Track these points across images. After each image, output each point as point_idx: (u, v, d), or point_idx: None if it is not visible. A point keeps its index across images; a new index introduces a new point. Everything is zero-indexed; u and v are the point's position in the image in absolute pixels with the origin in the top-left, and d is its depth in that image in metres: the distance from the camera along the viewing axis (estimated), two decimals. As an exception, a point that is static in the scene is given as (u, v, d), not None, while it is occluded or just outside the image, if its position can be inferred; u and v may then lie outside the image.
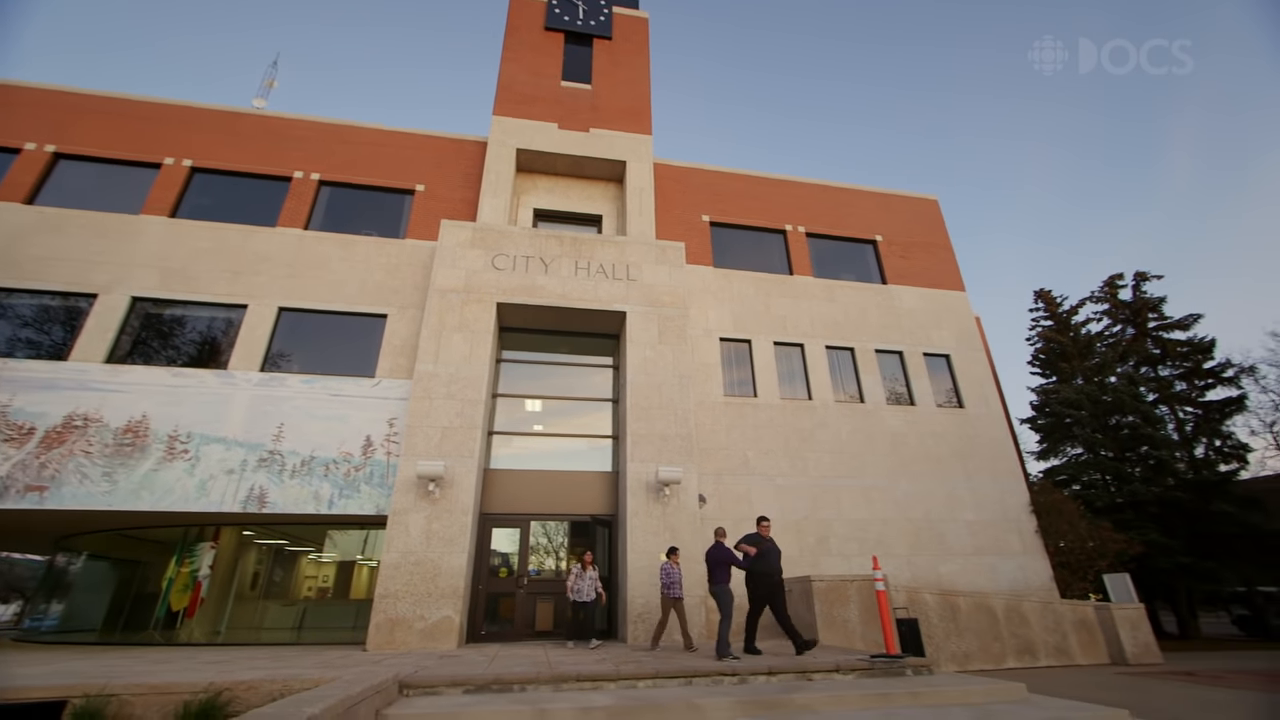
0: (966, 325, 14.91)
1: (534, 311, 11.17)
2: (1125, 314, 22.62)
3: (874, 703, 5.27)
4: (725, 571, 7.36)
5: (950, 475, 12.74)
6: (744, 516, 11.23)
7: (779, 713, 4.94)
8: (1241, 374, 19.79)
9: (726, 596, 7.19)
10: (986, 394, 14.08)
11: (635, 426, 10.34)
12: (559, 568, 10.31)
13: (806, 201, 15.71)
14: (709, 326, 13.09)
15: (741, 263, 14.32)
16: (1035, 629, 10.60)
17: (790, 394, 12.90)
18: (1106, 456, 19.02)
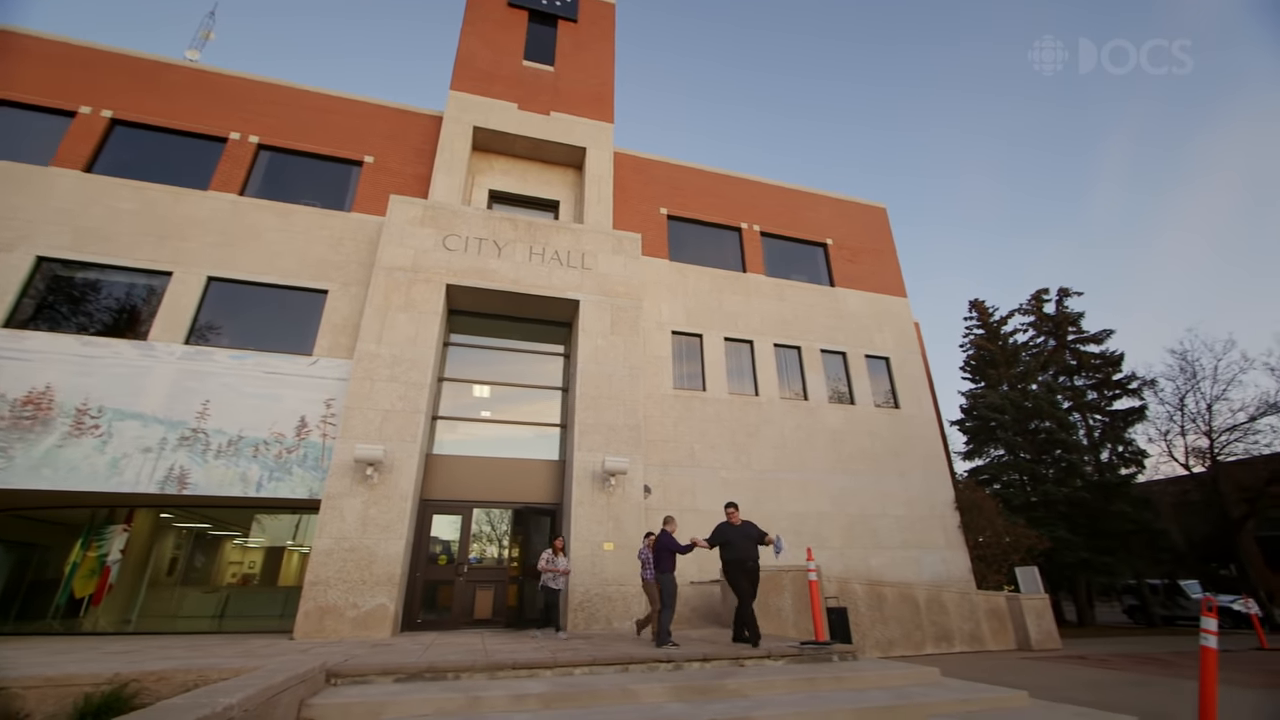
0: (906, 330, 15.62)
1: (485, 295, 10.93)
2: (1048, 326, 24.25)
3: (801, 687, 5.50)
4: (669, 560, 7.37)
5: (884, 472, 13.37)
6: (688, 508, 11.43)
7: (711, 697, 5.09)
8: (1144, 386, 21.62)
9: (669, 585, 7.21)
10: (921, 396, 14.81)
11: (584, 416, 10.32)
12: (501, 556, 10.21)
13: (763, 201, 16.00)
14: (662, 319, 13.18)
15: (697, 258, 14.46)
16: (953, 617, 11.31)
17: (738, 389, 13.18)
18: (1024, 458, 20.40)
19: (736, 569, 7.07)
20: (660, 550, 7.46)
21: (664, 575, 7.30)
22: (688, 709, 4.69)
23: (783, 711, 4.69)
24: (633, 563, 9.46)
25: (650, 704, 4.88)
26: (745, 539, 7.14)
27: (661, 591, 7.23)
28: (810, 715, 4.68)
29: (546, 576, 8.23)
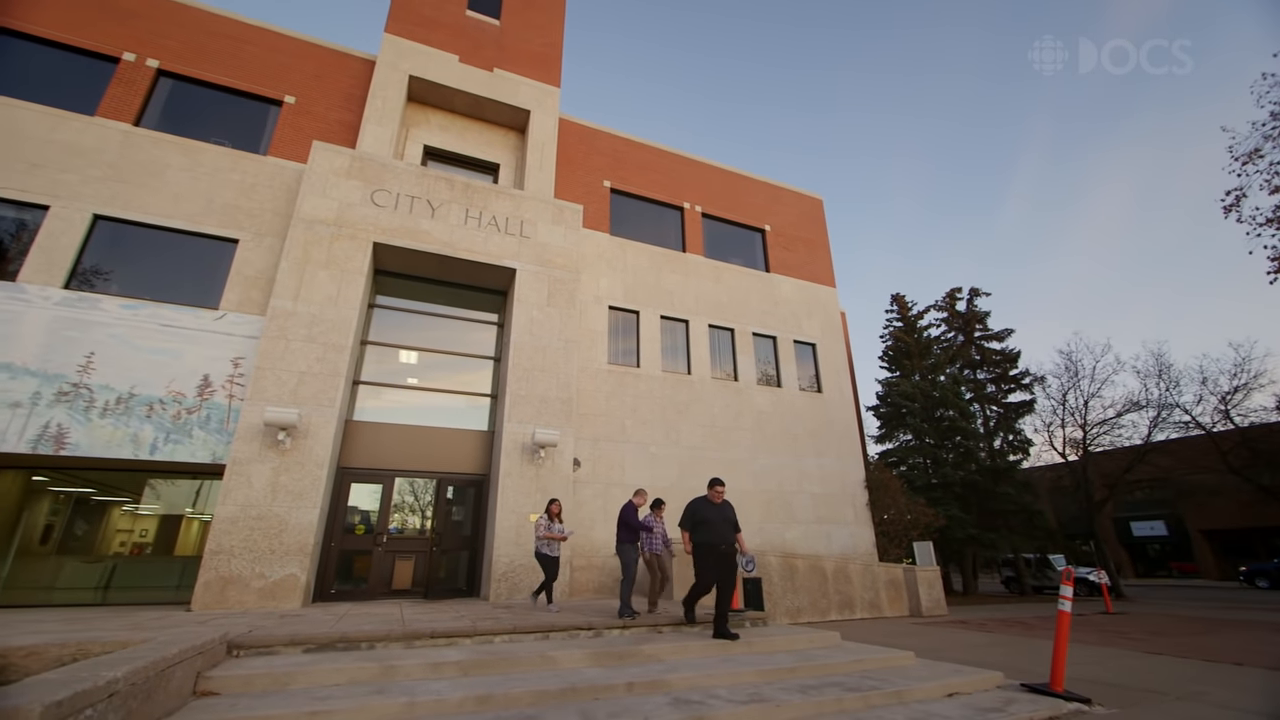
0: (833, 318, 16.36)
1: (416, 257, 10.45)
2: (959, 323, 26.13)
3: (714, 651, 5.80)
4: (628, 532, 7.17)
5: (804, 453, 14.09)
6: (617, 482, 11.60)
7: (628, 662, 5.27)
8: (1035, 382, 23.84)
9: (628, 556, 7.07)
10: (842, 382, 15.64)
11: (516, 387, 10.18)
12: (424, 526, 9.98)
13: (706, 182, 16.12)
14: (599, 294, 13.12)
15: (638, 234, 14.43)
16: (856, 587, 12.22)
17: (671, 368, 13.39)
18: (929, 444, 22.10)
19: (708, 553, 6.30)
20: (620, 523, 7.24)
21: (622, 547, 7.14)
22: (605, 673, 4.84)
23: (695, 674, 4.94)
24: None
25: (569, 669, 5.00)
26: (724, 521, 6.38)
27: (621, 562, 7.11)
28: (719, 676, 4.96)
29: (541, 543, 7.76)
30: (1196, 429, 19.12)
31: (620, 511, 7.29)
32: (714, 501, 6.51)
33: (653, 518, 7.64)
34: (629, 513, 7.22)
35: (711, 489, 6.59)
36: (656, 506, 7.81)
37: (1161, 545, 34.01)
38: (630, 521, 7.17)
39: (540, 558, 7.79)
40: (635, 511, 7.25)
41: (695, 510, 6.48)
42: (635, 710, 4.10)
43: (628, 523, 7.18)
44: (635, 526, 7.16)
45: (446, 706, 4.04)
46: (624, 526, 7.20)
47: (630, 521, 7.17)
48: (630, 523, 7.16)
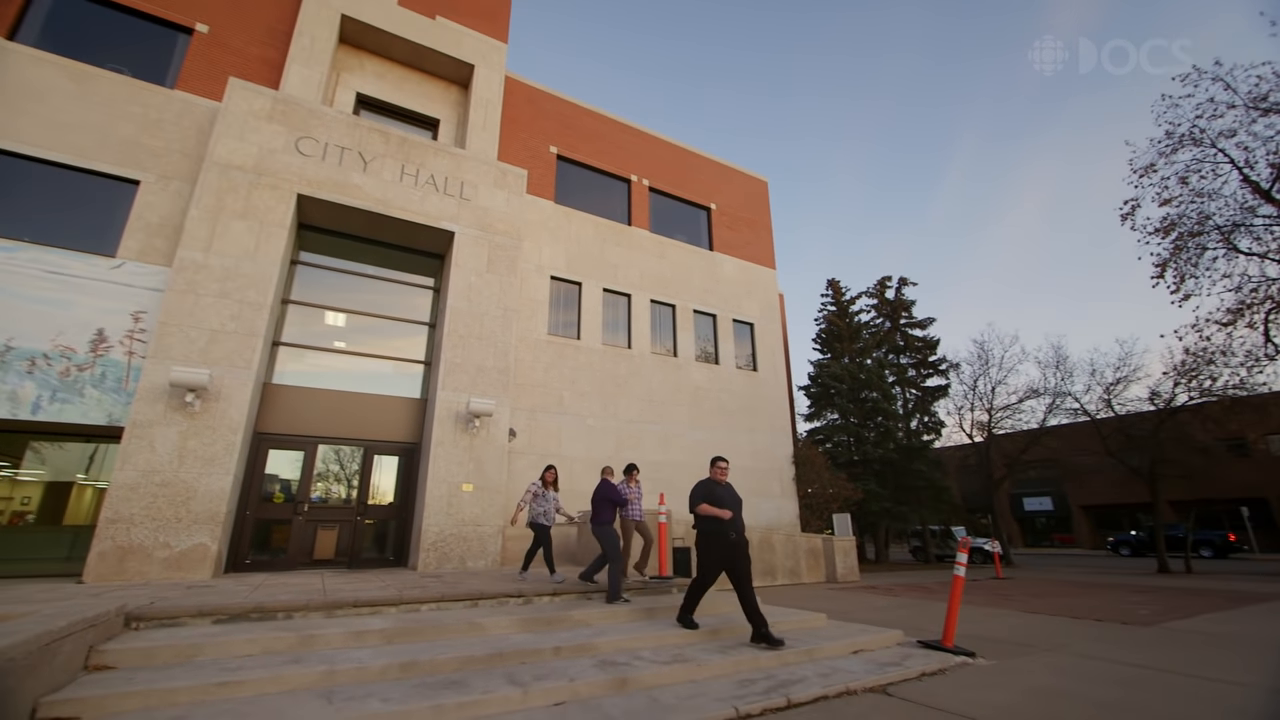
0: (771, 299, 16.82)
1: (345, 213, 9.84)
2: (887, 310, 27.51)
3: (641, 616, 6.00)
4: (608, 511, 6.71)
5: (737, 428, 14.56)
6: (553, 453, 11.60)
7: (556, 627, 5.37)
8: (950, 368, 25.56)
9: (609, 537, 6.49)
10: (776, 362, 16.19)
11: (451, 354, 9.90)
12: (349, 495, 9.64)
13: (655, 156, 15.99)
14: (542, 263, 12.87)
15: (583, 204, 14.18)
16: (778, 556, 12.89)
17: (612, 341, 13.40)
18: (853, 423, 23.37)
19: (718, 543, 5.45)
20: (597, 501, 6.75)
21: (601, 528, 6.58)
22: (533, 639, 4.91)
23: (621, 638, 5.10)
24: (492, 505, 9.48)
25: (497, 635, 5.04)
26: (736, 504, 5.68)
27: (602, 544, 6.52)
28: (645, 640, 5.15)
29: (538, 513, 7.42)
30: (1083, 415, 21.19)
31: (598, 489, 6.81)
32: (721, 481, 5.80)
33: (626, 484, 7.34)
34: (610, 490, 6.74)
35: (715, 466, 5.87)
36: (629, 473, 7.50)
37: (1047, 518, 37.85)
38: (613, 497, 6.72)
39: (536, 527, 7.42)
40: (611, 486, 6.82)
41: (710, 491, 5.63)
42: (561, 672, 4.20)
43: (610, 499, 6.69)
44: (618, 501, 6.76)
45: (368, 674, 3.99)
46: (605, 504, 6.68)
47: (613, 497, 6.72)
48: (613, 498, 6.72)
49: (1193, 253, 13.27)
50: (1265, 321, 12.68)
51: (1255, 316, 12.74)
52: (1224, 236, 12.99)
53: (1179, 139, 13.22)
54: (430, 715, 3.48)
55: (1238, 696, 4.28)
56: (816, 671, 4.71)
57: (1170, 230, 13.42)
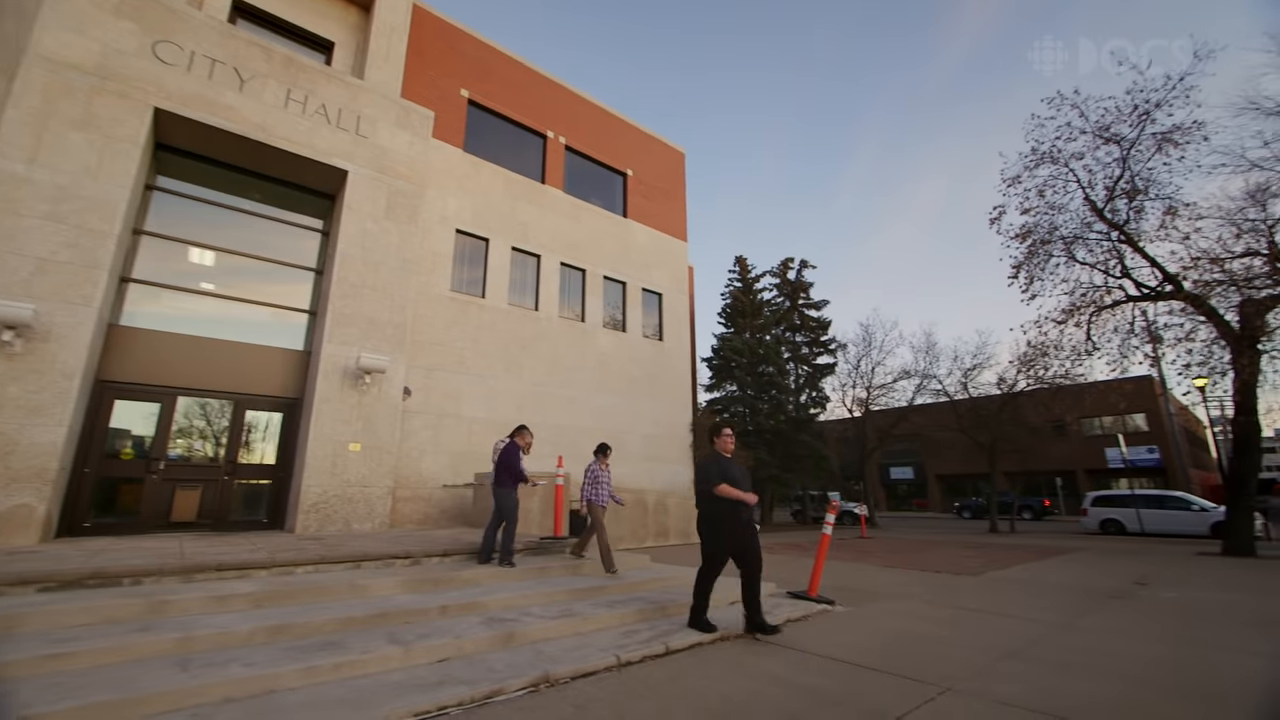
0: (681, 271, 17.14)
1: (216, 137, 8.67)
2: (788, 290, 29.03)
3: (533, 575, 6.08)
4: (510, 477, 6.38)
5: (640, 395, 14.88)
6: (451, 413, 11.25)
7: (444, 587, 5.31)
8: (839, 349, 27.65)
9: (509, 500, 6.28)
10: (682, 333, 16.63)
11: (341, 305, 9.19)
12: (217, 454, 8.78)
13: (574, 114, 15.49)
14: (447, 214, 12.17)
15: (495, 156, 13.50)
16: (672, 518, 13.51)
17: (518, 302, 13.07)
18: (750, 395, 24.70)
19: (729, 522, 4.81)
20: (501, 466, 6.39)
21: (503, 490, 6.32)
22: (418, 599, 4.84)
23: (511, 595, 5.16)
24: (381, 465, 9.07)
25: (380, 596, 4.91)
26: (748, 479, 5.06)
27: (500, 506, 6.27)
28: (535, 597, 5.24)
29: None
30: (944, 396, 23.91)
31: (501, 454, 6.46)
32: (727, 452, 5.07)
33: (599, 466, 6.93)
34: (512, 456, 6.42)
35: (722, 436, 5.10)
36: (602, 454, 7.03)
37: (908, 486, 42.64)
38: (513, 466, 6.37)
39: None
40: (518, 455, 6.47)
41: (725, 469, 4.87)
42: (446, 630, 4.18)
43: (510, 467, 6.37)
44: (519, 473, 6.41)
45: (232, 639, 3.75)
46: (505, 471, 6.37)
47: (513, 466, 6.37)
48: (513, 468, 6.37)
49: (1042, 258, 15.14)
50: (1088, 322, 14.84)
51: (1082, 317, 14.86)
52: (1066, 246, 14.92)
53: (1041, 156, 14.87)
54: (301, 677, 3.34)
55: (1031, 629, 5.16)
56: (695, 622, 5.05)
57: (1026, 237, 15.19)
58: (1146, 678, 3.89)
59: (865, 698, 3.43)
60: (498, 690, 3.39)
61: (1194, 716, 3.21)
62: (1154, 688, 3.67)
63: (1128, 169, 13.83)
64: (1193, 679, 3.88)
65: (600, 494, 6.80)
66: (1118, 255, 14.29)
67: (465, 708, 3.19)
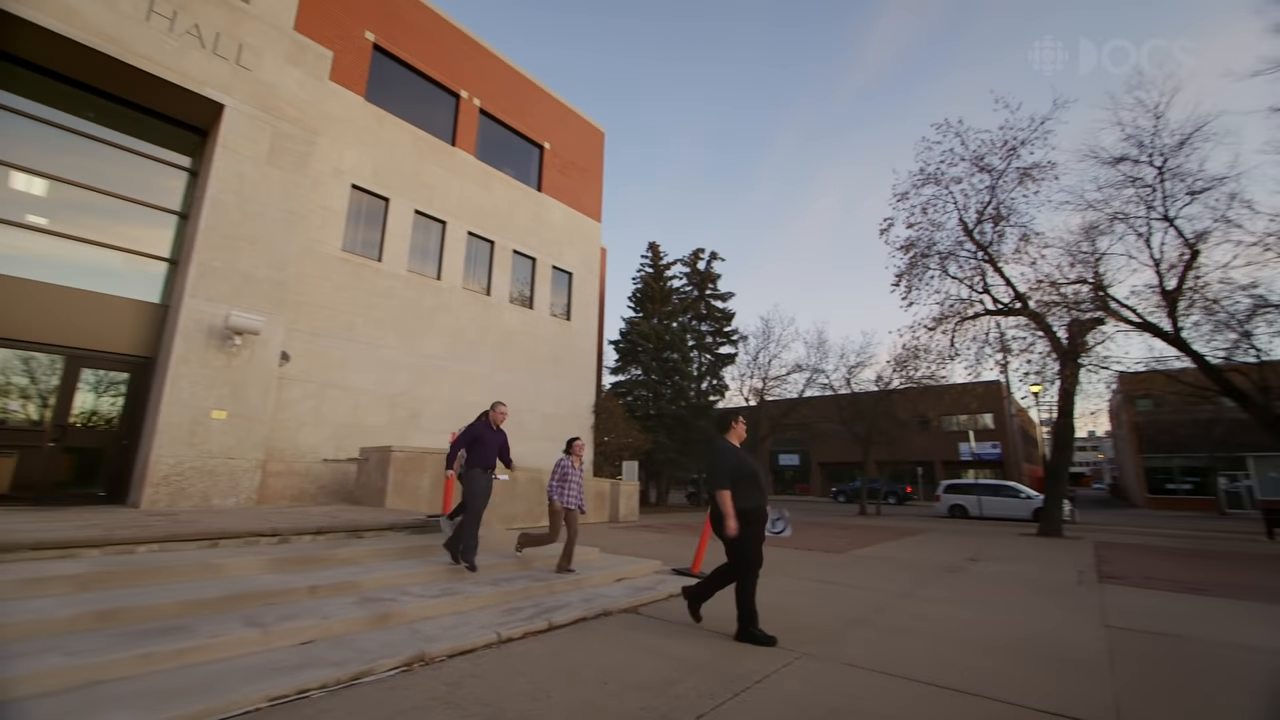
0: (593, 252, 17.05)
1: (49, 42, 7.33)
2: (697, 279, 29.81)
3: (417, 553, 5.88)
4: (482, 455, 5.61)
5: (543, 374, 14.71)
6: (336, 383, 10.50)
7: (316, 567, 5.00)
8: (740, 340, 28.91)
9: (479, 483, 5.49)
10: (591, 314, 16.60)
11: (209, 256, 8.21)
12: (42, 416, 7.56)
13: (492, 76, 14.77)
14: (342, 167, 11.21)
15: (401, 110, 12.58)
16: (568, 498, 13.58)
17: (419, 269, 12.38)
18: (654, 379, 25.22)
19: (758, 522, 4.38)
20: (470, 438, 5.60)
21: (471, 470, 5.54)
22: (283, 579, 4.52)
23: (391, 574, 4.96)
24: (251, 436, 8.29)
25: (239, 577, 4.52)
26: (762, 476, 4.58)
27: (467, 491, 5.48)
28: (417, 576, 5.08)
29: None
30: (830, 390, 25.88)
31: (472, 426, 5.67)
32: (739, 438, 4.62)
33: (570, 462, 6.11)
34: (483, 429, 5.64)
35: (739, 423, 4.72)
36: (572, 447, 6.16)
37: (794, 471, 45.77)
38: (482, 436, 5.57)
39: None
40: (489, 428, 5.70)
41: (741, 462, 4.36)
42: (314, 612, 3.95)
43: (480, 439, 5.56)
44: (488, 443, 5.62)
45: (51, 626, 3.30)
46: (476, 444, 5.56)
47: (482, 436, 5.57)
48: (482, 437, 5.57)
49: (920, 270, 16.73)
50: (953, 330, 16.67)
51: (948, 326, 16.65)
52: (941, 261, 16.60)
53: (927, 176, 16.36)
54: (136, 665, 3.02)
55: (880, 599, 5.79)
56: (581, 598, 5.16)
57: (909, 249, 16.70)
58: (958, 636, 4.53)
59: (733, 663, 3.69)
60: (367, 671, 3.27)
61: (985, 665, 3.78)
62: (962, 645, 4.28)
63: (995, 196, 15.56)
64: (990, 636, 4.57)
65: (569, 495, 6.05)
66: (981, 273, 16.10)
67: (329, 690, 3.05)
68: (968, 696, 3.26)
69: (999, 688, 3.39)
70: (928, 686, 3.40)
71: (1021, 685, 3.45)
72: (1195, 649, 4.42)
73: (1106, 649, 4.32)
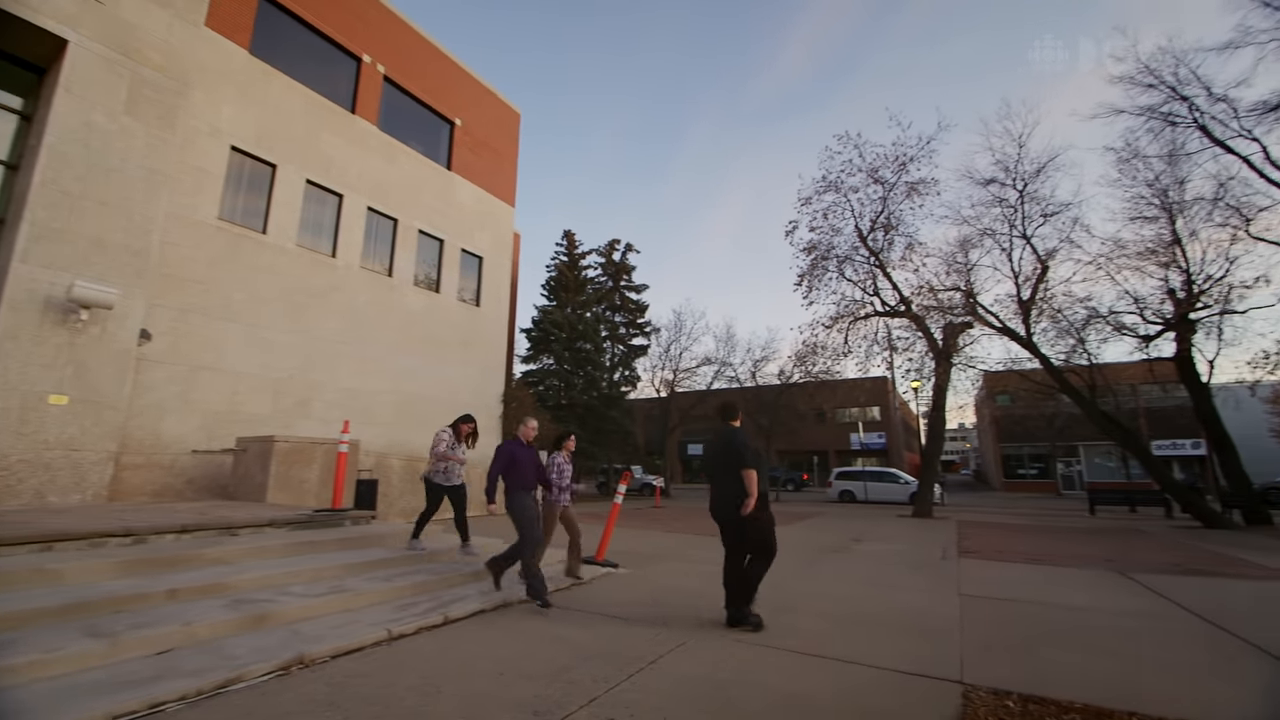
0: (506, 236, 16.56)
1: None
2: (612, 270, 29.90)
3: (301, 550, 5.47)
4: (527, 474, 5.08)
5: (449, 361, 14.14)
6: (210, 366, 9.48)
7: (178, 568, 4.51)
8: (653, 332, 29.41)
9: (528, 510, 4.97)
10: (502, 300, 16.14)
11: (47, 216, 7.09)
12: None
13: (399, 42, 13.84)
14: (220, 125, 10.06)
15: (294, 69, 11.46)
16: (474, 489, 13.09)
17: (312, 245, 11.41)
18: (566, 369, 25.05)
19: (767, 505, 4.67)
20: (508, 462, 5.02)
21: (513, 496, 4.97)
22: (137, 583, 4.05)
23: (271, 573, 4.59)
24: (100, 424, 7.30)
25: (81, 583, 3.99)
26: None
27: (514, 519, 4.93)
28: (301, 574, 4.74)
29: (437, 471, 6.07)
30: (736, 382, 27.07)
31: (505, 449, 5.08)
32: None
33: (563, 458, 5.72)
34: (517, 447, 5.12)
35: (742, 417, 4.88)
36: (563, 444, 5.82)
37: (700, 461, 47.41)
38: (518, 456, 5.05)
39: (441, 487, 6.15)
40: (523, 445, 5.19)
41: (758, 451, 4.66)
42: (174, 617, 3.58)
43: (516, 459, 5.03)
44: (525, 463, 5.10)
45: None
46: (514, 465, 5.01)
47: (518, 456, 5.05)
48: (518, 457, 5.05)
49: (820, 272, 17.84)
50: (847, 329, 17.98)
51: (843, 324, 17.93)
52: (839, 264, 17.79)
53: (828, 184, 17.42)
54: (-63, 689, 2.59)
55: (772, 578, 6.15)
56: (480, 590, 5.06)
57: (811, 251, 17.75)
58: (839, 611, 4.95)
59: (631, 647, 3.79)
60: (236, 678, 3.02)
61: (860, 635, 4.17)
62: (842, 618, 4.68)
63: (887, 207, 16.90)
64: (866, 609, 5.04)
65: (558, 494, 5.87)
66: (873, 277, 17.45)
67: (189, 701, 2.78)
68: (843, 664, 3.57)
69: (870, 654, 3.74)
70: (810, 658, 3.68)
71: (889, 651, 3.83)
72: (1027, 610, 5.11)
73: (959, 615, 4.89)
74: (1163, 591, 5.92)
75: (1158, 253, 14.77)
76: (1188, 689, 3.25)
